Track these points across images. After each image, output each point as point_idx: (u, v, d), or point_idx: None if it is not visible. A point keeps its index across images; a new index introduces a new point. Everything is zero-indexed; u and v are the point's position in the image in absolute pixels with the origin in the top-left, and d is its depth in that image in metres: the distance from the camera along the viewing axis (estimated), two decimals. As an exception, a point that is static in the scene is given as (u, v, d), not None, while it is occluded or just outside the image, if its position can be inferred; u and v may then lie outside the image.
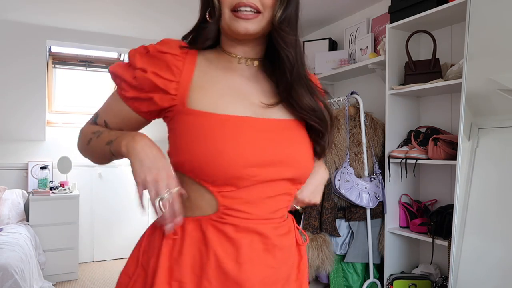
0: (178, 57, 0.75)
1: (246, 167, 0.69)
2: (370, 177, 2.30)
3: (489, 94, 1.72)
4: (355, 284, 2.33)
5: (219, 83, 0.76)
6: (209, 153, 0.68)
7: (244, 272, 0.70)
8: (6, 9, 2.86)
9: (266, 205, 0.73)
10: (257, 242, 0.72)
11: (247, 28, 0.72)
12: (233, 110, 0.73)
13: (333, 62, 2.83)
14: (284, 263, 0.75)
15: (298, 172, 0.76)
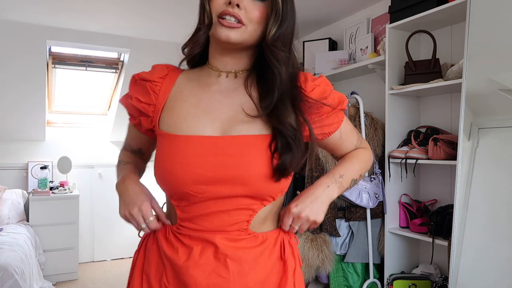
0: (156, 83, 0.84)
1: (190, 184, 0.75)
2: (370, 177, 2.30)
3: (489, 94, 1.72)
4: (355, 284, 2.33)
5: (187, 102, 0.81)
6: (163, 172, 0.77)
7: (191, 275, 0.76)
8: (6, 9, 2.86)
9: (220, 219, 0.77)
10: (208, 250, 0.77)
11: (228, 36, 0.75)
12: (189, 129, 0.78)
13: (333, 62, 2.83)
14: (240, 274, 0.77)
15: (251, 189, 0.75)
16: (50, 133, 4.02)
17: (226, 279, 0.76)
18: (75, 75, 3.84)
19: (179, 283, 0.78)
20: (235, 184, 0.75)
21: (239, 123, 0.78)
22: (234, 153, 0.75)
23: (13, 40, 3.17)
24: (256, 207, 0.78)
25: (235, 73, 0.83)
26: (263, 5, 0.77)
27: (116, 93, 3.98)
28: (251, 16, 0.76)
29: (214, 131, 0.78)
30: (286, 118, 0.77)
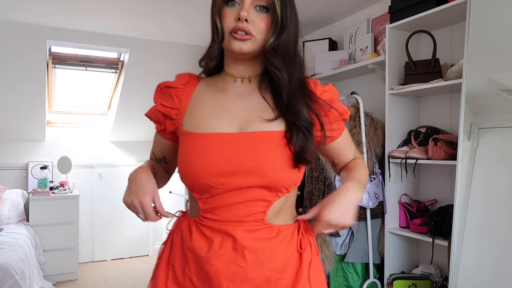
0: (179, 89, 0.93)
1: (211, 177, 0.82)
2: (370, 177, 2.30)
3: (489, 94, 1.72)
4: (355, 284, 2.33)
5: (206, 104, 0.90)
6: (186, 167, 0.85)
7: (212, 264, 0.83)
8: (6, 9, 2.86)
9: (238, 210, 0.83)
10: (226, 241, 0.83)
11: (241, 47, 0.84)
12: (208, 128, 0.86)
13: (333, 62, 2.83)
14: (258, 264, 0.83)
15: (268, 180, 0.82)
16: (50, 133, 4.02)
17: (244, 268, 0.82)
18: (75, 75, 3.84)
19: (201, 272, 0.84)
20: (251, 175, 0.82)
21: (254, 122, 0.86)
22: (250, 147, 0.83)
23: (13, 40, 3.17)
24: (271, 198, 0.84)
25: (249, 78, 0.92)
26: (267, 15, 0.85)
27: (116, 93, 3.98)
28: (258, 27, 0.84)
29: (231, 128, 0.86)
30: (302, 112, 0.85)
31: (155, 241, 4.47)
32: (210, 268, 0.82)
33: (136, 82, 3.81)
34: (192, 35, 3.47)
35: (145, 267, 4.01)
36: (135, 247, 4.38)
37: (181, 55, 3.78)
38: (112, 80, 3.95)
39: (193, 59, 4.13)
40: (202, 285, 0.84)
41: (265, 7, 0.85)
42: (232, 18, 0.85)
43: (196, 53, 3.57)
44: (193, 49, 3.78)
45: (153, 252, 4.45)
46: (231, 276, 0.82)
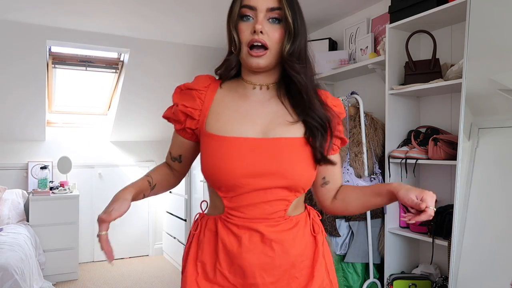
0: (202, 91, 0.98)
1: (239, 178, 0.89)
2: (370, 177, 2.30)
3: (489, 94, 1.72)
4: (355, 284, 2.33)
5: (230, 109, 0.96)
6: (213, 167, 0.91)
7: (244, 258, 0.91)
8: (6, 9, 2.86)
9: (262, 209, 0.91)
10: (255, 236, 0.91)
11: (258, 63, 0.91)
12: (235, 132, 0.92)
13: (333, 62, 2.83)
14: (284, 252, 0.92)
15: (290, 182, 0.91)
16: (50, 133, 4.02)
17: (272, 258, 0.92)
18: (75, 75, 3.84)
19: (233, 266, 0.92)
20: (275, 177, 0.90)
21: (276, 127, 0.94)
22: (274, 151, 0.91)
23: (13, 40, 3.16)
24: (290, 198, 0.93)
25: (267, 85, 0.98)
26: (280, 26, 0.92)
27: (116, 93, 3.98)
28: (272, 38, 0.91)
29: (256, 134, 0.93)
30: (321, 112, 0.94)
31: (155, 241, 4.47)
32: (243, 262, 0.91)
33: (136, 82, 3.81)
34: (192, 35, 3.47)
35: (145, 267, 4.01)
36: (135, 247, 4.38)
37: (181, 55, 3.78)
38: (112, 80, 3.95)
39: (193, 59, 4.17)
40: (235, 278, 0.92)
41: (277, 19, 0.92)
42: (248, 32, 0.91)
43: (196, 53, 3.61)
44: (193, 49, 3.78)
45: (153, 252, 4.45)
46: (262, 266, 0.91)
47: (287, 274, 0.93)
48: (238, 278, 0.92)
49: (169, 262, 4.17)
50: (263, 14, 0.91)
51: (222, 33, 3.66)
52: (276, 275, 0.92)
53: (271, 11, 0.91)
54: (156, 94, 3.99)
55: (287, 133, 0.93)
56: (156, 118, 4.22)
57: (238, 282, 0.93)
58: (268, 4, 0.91)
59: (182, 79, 3.97)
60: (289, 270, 0.93)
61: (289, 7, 0.93)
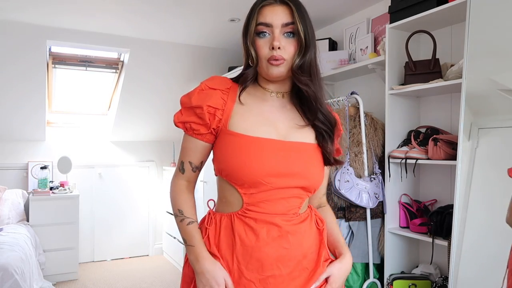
0: (224, 92, 1.02)
1: (264, 176, 0.95)
2: (370, 177, 2.30)
3: (489, 94, 1.72)
4: (355, 284, 2.33)
5: (254, 111, 1.02)
6: (238, 164, 0.96)
7: (262, 251, 0.95)
8: (6, 9, 2.86)
9: (280, 205, 0.98)
10: (272, 230, 0.97)
11: (279, 71, 0.98)
12: (261, 133, 0.99)
13: (333, 62, 2.83)
14: (298, 244, 0.99)
15: (308, 182, 1.00)
16: (50, 133, 4.02)
17: (288, 250, 0.97)
18: (75, 75, 3.84)
19: (251, 260, 0.96)
20: (296, 178, 0.98)
21: (293, 132, 1.02)
22: (296, 154, 0.99)
23: (13, 40, 3.17)
24: (304, 197, 1.02)
25: (282, 94, 1.06)
26: (294, 39, 0.98)
27: (116, 93, 3.98)
28: (288, 51, 0.97)
29: (277, 136, 1.00)
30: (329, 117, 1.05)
31: (155, 241, 4.47)
32: (262, 255, 0.96)
33: (136, 82, 3.81)
34: (192, 35, 3.47)
35: (145, 267, 4.01)
36: (135, 247, 4.38)
37: (181, 55, 3.78)
38: (112, 80, 3.95)
39: (193, 59, 4.18)
40: (251, 273, 0.97)
41: (291, 32, 0.98)
42: (267, 48, 0.98)
43: (196, 53, 3.62)
44: (193, 49, 3.78)
45: (153, 252, 4.45)
46: (279, 258, 0.97)
47: (299, 265, 1.00)
48: (255, 273, 0.97)
49: (169, 262, 4.17)
50: (279, 30, 0.97)
51: (221, 33, 3.68)
52: (291, 266, 0.98)
53: (285, 26, 0.97)
54: (156, 94, 3.99)
55: (303, 138, 1.02)
56: (156, 118, 4.22)
57: (255, 277, 0.96)
58: (283, 20, 0.97)
59: (182, 79, 3.98)
60: (301, 261, 1.00)
61: (301, 21, 0.98)
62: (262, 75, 1.03)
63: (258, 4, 1.00)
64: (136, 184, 4.42)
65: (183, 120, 1.04)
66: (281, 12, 0.97)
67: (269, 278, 0.96)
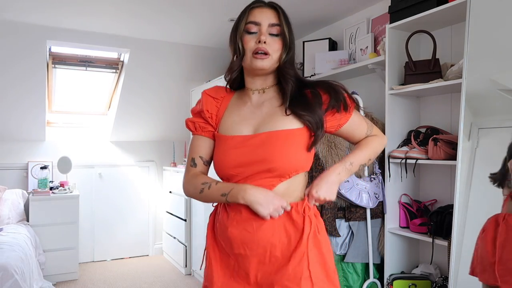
0: (218, 100, 1.21)
1: (232, 168, 1.10)
2: (370, 177, 2.30)
3: (489, 94, 1.72)
4: (355, 284, 2.33)
5: (234, 113, 1.18)
6: (216, 162, 1.15)
7: (229, 231, 1.11)
8: (6, 9, 2.86)
9: None
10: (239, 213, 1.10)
11: (262, 65, 1.11)
12: (234, 131, 1.14)
13: (333, 62, 2.83)
14: (264, 231, 1.07)
15: (272, 165, 1.07)
16: (50, 133, 4.02)
17: (251, 234, 1.08)
18: (75, 75, 3.84)
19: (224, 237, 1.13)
20: (261, 163, 1.07)
21: (265, 125, 1.12)
22: (260, 143, 1.09)
23: (13, 40, 3.17)
24: (275, 182, 1.09)
25: (263, 90, 1.18)
26: (279, 39, 1.12)
27: (116, 93, 3.98)
28: (273, 48, 1.11)
29: (248, 131, 1.13)
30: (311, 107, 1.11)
31: (155, 241, 4.47)
32: (230, 234, 1.10)
33: (136, 82, 3.81)
34: (191, 35, 3.47)
35: (145, 267, 4.01)
36: (135, 247, 4.38)
37: (181, 55, 3.78)
38: (112, 80, 3.95)
39: (192, 59, 4.18)
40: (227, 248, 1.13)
41: (276, 33, 1.12)
42: (253, 42, 1.11)
43: (196, 53, 3.62)
44: (193, 49, 3.78)
45: (153, 252, 4.45)
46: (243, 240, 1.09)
47: (267, 252, 1.08)
48: (228, 248, 1.13)
49: (169, 262, 4.17)
50: (266, 28, 1.11)
51: (221, 33, 3.67)
52: (256, 250, 1.08)
53: (272, 26, 1.11)
54: (156, 94, 3.99)
55: (277, 127, 1.10)
56: (156, 118, 4.22)
57: (230, 252, 1.13)
58: (270, 20, 1.11)
59: (182, 79, 3.98)
60: (269, 248, 1.08)
61: (285, 23, 1.13)
62: (247, 67, 1.15)
63: (249, 6, 1.14)
64: (136, 184, 4.42)
65: (193, 120, 1.22)
66: (269, 14, 1.12)
67: (238, 256, 1.11)
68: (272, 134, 1.09)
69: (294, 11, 2.88)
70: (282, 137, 1.09)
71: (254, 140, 1.10)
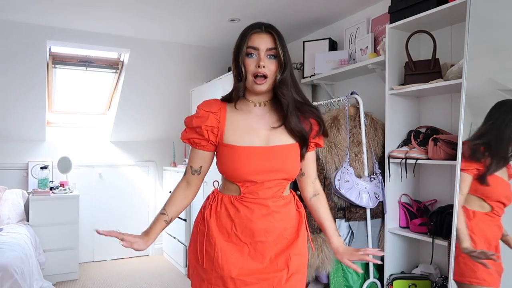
0: (216, 113, 1.32)
1: (252, 175, 1.27)
2: (370, 177, 2.30)
3: (489, 94, 1.72)
4: (355, 284, 2.33)
5: (241, 124, 1.32)
6: (233, 169, 1.29)
7: (254, 223, 1.29)
8: (6, 9, 2.86)
9: (268, 191, 1.30)
10: (263, 209, 1.30)
11: (261, 89, 1.28)
12: (247, 142, 1.29)
13: (333, 62, 2.83)
14: (280, 220, 1.32)
15: (285, 175, 1.31)
16: (50, 133, 4.02)
17: (273, 223, 1.31)
18: (75, 75, 3.84)
19: (245, 229, 1.30)
20: (277, 172, 1.29)
21: (274, 137, 1.31)
22: (275, 155, 1.29)
23: (13, 40, 3.17)
24: (285, 184, 1.34)
25: (264, 103, 1.34)
26: (275, 60, 1.27)
27: (116, 93, 3.98)
28: (270, 69, 1.26)
29: (260, 143, 1.30)
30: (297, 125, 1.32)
31: (155, 241, 4.47)
32: (254, 226, 1.29)
33: (136, 82, 3.81)
34: (192, 35, 3.47)
35: (145, 267, 4.01)
36: (135, 247, 4.37)
37: (181, 55, 3.78)
38: (112, 80, 3.95)
39: (192, 59, 4.17)
40: (246, 238, 1.30)
41: (273, 55, 1.27)
42: (253, 66, 1.26)
43: (196, 53, 3.62)
44: (193, 49, 3.78)
45: (153, 252, 4.45)
46: (266, 229, 1.30)
47: (281, 235, 1.33)
48: (249, 238, 1.30)
49: (169, 262, 4.17)
50: (264, 53, 1.26)
51: (221, 33, 3.67)
52: (274, 235, 1.31)
53: (269, 50, 1.26)
54: (156, 94, 3.99)
55: (281, 141, 1.31)
56: (156, 118, 4.22)
57: (248, 241, 1.30)
58: (267, 45, 1.26)
59: (182, 79, 3.98)
60: (282, 232, 1.33)
61: (281, 46, 1.27)
62: (248, 87, 1.31)
63: (248, 32, 1.28)
64: (136, 184, 4.42)
65: (187, 137, 1.35)
66: (266, 39, 1.27)
67: (257, 243, 1.30)
68: (284, 147, 1.31)
69: (294, 11, 2.88)
70: (291, 151, 1.32)
71: (271, 151, 1.30)
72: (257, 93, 1.31)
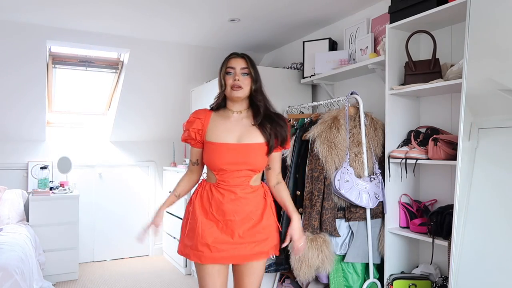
0: (202, 119, 1.75)
1: (223, 164, 1.67)
2: (370, 177, 2.30)
3: (489, 94, 1.72)
4: (355, 284, 2.33)
5: (220, 126, 1.73)
6: (211, 160, 1.69)
7: (225, 206, 1.67)
8: (6, 9, 2.86)
9: (236, 180, 1.69)
10: (231, 194, 1.68)
11: (237, 95, 1.70)
12: (223, 139, 1.69)
13: (333, 62, 2.83)
14: (246, 204, 1.69)
15: (251, 166, 1.69)
16: (50, 133, 4.02)
17: (240, 206, 1.68)
18: (75, 75, 3.84)
19: (219, 209, 1.67)
20: (245, 164, 1.67)
21: (246, 136, 1.70)
22: (244, 150, 1.68)
23: (13, 40, 3.17)
24: (252, 175, 1.71)
25: (241, 111, 1.76)
26: (248, 77, 1.71)
27: (116, 93, 3.98)
28: (244, 83, 1.70)
29: (233, 140, 1.69)
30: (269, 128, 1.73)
31: (155, 241, 4.47)
32: (224, 208, 1.66)
33: (136, 82, 3.81)
34: (192, 35, 3.47)
35: (145, 267, 4.01)
36: (135, 247, 4.38)
37: (181, 55, 3.78)
38: (112, 80, 3.95)
39: (192, 59, 4.17)
40: (219, 217, 1.67)
41: (246, 73, 1.71)
42: (231, 80, 1.70)
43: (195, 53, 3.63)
44: (193, 49, 3.78)
45: (153, 252, 4.45)
46: (234, 210, 1.67)
47: (247, 216, 1.68)
48: (221, 216, 1.67)
49: (169, 262, 4.17)
50: (238, 70, 1.70)
51: (221, 33, 3.67)
52: (241, 216, 1.67)
53: (242, 69, 1.70)
54: (156, 94, 3.99)
55: (251, 140, 1.70)
56: (156, 118, 4.22)
57: (221, 219, 1.67)
58: (241, 66, 1.71)
59: (182, 79, 3.98)
60: (249, 214, 1.69)
61: (251, 66, 1.72)
62: (228, 96, 1.73)
63: (228, 57, 1.74)
64: (136, 184, 4.42)
65: (184, 138, 1.78)
66: (240, 61, 1.72)
67: (228, 221, 1.66)
68: (251, 145, 1.69)
69: (294, 11, 2.88)
70: (257, 148, 1.70)
71: (240, 147, 1.68)
72: (235, 100, 1.72)
